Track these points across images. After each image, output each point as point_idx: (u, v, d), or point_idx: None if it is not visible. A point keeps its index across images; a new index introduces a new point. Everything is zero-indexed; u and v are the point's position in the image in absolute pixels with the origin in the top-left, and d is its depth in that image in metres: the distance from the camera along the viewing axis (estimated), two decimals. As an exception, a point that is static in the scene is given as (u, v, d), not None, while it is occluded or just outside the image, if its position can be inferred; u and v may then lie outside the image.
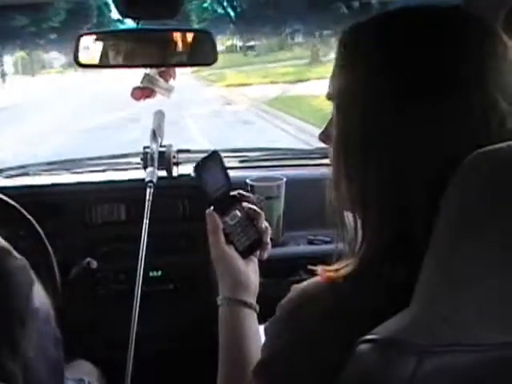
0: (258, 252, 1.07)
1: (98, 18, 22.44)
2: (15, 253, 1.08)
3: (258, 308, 1.02)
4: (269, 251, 1.07)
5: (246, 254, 1.04)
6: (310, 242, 1.94)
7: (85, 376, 1.47)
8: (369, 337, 0.62)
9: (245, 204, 1.07)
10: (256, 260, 1.07)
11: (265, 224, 1.07)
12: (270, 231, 1.08)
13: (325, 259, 0.81)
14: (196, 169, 1.03)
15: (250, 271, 1.04)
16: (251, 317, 1.01)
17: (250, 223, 1.06)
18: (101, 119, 12.04)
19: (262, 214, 1.08)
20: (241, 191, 1.08)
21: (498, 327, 0.56)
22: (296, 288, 0.79)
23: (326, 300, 0.73)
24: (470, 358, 0.57)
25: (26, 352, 0.95)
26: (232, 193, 1.07)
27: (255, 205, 1.09)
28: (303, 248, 1.90)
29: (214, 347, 1.03)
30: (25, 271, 1.06)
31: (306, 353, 0.73)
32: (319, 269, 0.79)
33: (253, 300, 1.03)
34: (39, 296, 1.10)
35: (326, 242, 1.93)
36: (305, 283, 0.78)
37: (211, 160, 1.05)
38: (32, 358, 0.97)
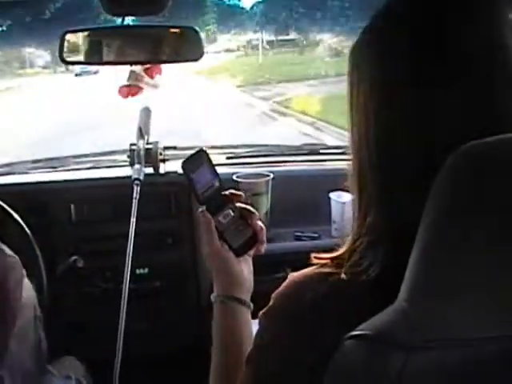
0: (254, 249, 1.06)
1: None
2: (7, 250, 1.07)
3: (252, 305, 1.02)
4: (264, 246, 1.07)
5: (240, 251, 1.04)
6: (297, 239, 1.95)
7: (71, 372, 1.46)
8: (355, 332, 0.62)
9: (238, 204, 1.06)
10: (250, 259, 1.07)
11: (259, 223, 1.07)
12: (265, 229, 1.07)
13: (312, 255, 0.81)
14: (183, 168, 1.02)
15: (244, 269, 1.04)
16: (245, 314, 1.01)
17: (243, 221, 1.05)
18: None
19: (256, 212, 1.07)
20: (232, 190, 1.08)
21: (489, 321, 0.56)
22: (291, 277, 0.79)
23: (319, 289, 0.73)
24: (460, 353, 0.57)
25: (12, 349, 0.95)
26: (223, 192, 1.06)
27: (247, 203, 1.09)
28: (290, 244, 1.90)
29: (202, 343, 1.03)
30: (15, 268, 1.06)
31: (298, 341, 0.73)
32: (313, 256, 0.80)
33: (246, 297, 1.03)
34: (26, 290, 1.10)
35: (313, 238, 1.93)
36: (300, 272, 0.78)
37: (198, 158, 1.04)
38: (15, 351, 0.97)
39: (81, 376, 1.49)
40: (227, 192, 1.07)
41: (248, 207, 1.07)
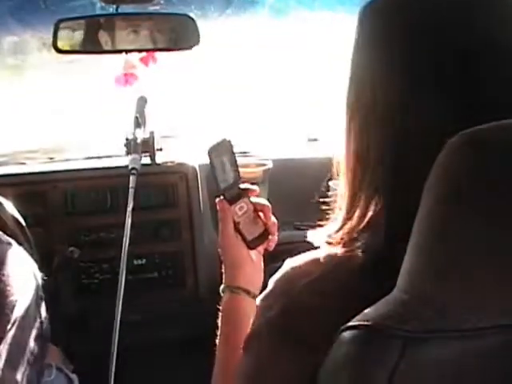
0: (264, 244, 1.08)
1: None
2: (6, 238, 1.07)
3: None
4: (275, 242, 1.09)
5: (253, 244, 1.05)
6: (297, 228, 1.94)
7: (51, 360, 1.44)
8: (352, 323, 0.61)
9: (252, 198, 1.08)
10: (261, 255, 1.09)
11: (273, 218, 1.09)
12: (276, 225, 1.09)
13: (311, 244, 0.82)
14: (209, 155, 1.03)
15: (256, 263, 1.06)
16: (254, 306, 1.01)
17: (257, 215, 1.07)
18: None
19: (270, 207, 1.09)
20: (248, 185, 1.09)
21: (490, 309, 0.56)
22: (289, 262, 0.79)
23: (314, 272, 0.74)
24: (459, 344, 0.57)
25: (11, 335, 0.95)
26: (241, 185, 1.07)
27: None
28: (289, 234, 1.89)
29: (200, 335, 1.02)
30: (15, 256, 1.05)
31: (293, 326, 0.73)
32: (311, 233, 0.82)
33: (256, 291, 1.03)
34: (30, 269, 1.09)
35: (313, 227, 1.92)
36: (297, 257, 0.79)
37: (223, 147, 1.05)
38: (17, 336, 0.97)
39: (61, 364, 1.48)
40: (244, 185, 1.08)
41: (262, 201, 1.09)
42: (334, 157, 0.83)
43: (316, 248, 0.80)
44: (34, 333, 1.03)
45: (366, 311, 0.61)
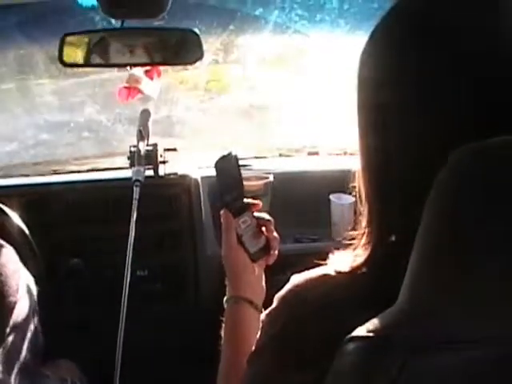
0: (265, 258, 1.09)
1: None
2: (1, 240, 1.07)
3: (263, 311, 1.02)
4: (275, 257, 1.10)
5: (255, 257, 1.06)
6: (297, 241, 1.94)
7: (67, 375, 1.46)
8: (356, 334, 0.61)
9: (256, 213, 1.09)
10: (262, 268, 1.09)
11: (275, 233, 1.10)
12: (278, 240, 1.10)
13: (312, 257, 0.82)
14: (216, 168, 1.05)
15: (258, 275, 1.07)
16: (257, 317, 1.01)
17: (259, 230, 1.08)
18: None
19: (272, 221, 1.10)
20: (251, 200, 1.10)
21: (491, 320, 0.56)
22: (294, 279, 0.79)
23: (320, 290, 0.74)
24: (459, 355, 0.57)
25: (9, 339, 0.96)
26: (245, 200, 1.09)
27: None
28: (290, 246, 1.90)
29: (200, 346, 1.03)
30: (12, 259, 1.06)
31: (295, 342, 0.73)
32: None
33: (259, 302, 1.04)
34: (25, 281, 1.10)
35: (313, 240, 1.93)
36: (302, 274, 0.79)
37: (229, 161, 1.07)
38: (12, 342, 0.98)
39: (77, 379, 1.49)
40: (248, 200, 1.09)
41: (265, 216, 1.10)
42: (351, 169, 0.80)
43: (319, 263, 0.79)
44: (27, 342, 1.03)
45: (368, 322, 0.62)
